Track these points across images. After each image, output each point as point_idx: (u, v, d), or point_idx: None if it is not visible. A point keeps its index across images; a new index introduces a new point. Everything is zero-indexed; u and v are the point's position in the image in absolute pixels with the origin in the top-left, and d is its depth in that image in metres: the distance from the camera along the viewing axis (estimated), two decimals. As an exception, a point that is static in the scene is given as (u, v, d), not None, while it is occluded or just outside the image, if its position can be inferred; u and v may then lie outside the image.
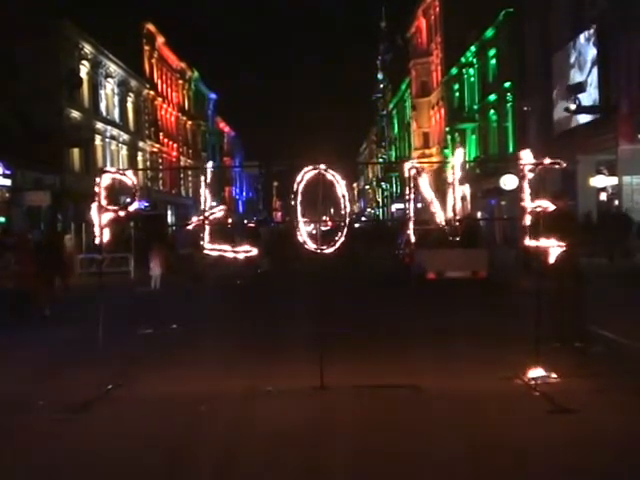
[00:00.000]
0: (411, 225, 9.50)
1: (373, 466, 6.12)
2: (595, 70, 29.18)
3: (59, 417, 7.54)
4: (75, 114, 43.20)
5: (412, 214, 9.28)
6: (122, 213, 9.01)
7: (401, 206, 64.88)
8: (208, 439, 6.88)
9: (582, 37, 30.23)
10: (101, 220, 8.76)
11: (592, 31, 29.28)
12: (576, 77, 30.86)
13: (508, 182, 32.60)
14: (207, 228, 8.95)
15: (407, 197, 9.13)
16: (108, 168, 10.73)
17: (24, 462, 6.45)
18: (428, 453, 6.38)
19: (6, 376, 9.51)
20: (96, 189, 8.78)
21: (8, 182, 33.05)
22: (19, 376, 9.55)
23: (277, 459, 6.30)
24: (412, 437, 6.81)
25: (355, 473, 6.01)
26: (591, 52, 29.47)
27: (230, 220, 31.96)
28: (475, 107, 49.36)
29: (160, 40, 62.34)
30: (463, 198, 9.26)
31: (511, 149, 41.02)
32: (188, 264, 25.13)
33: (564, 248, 8.76)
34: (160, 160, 62.59)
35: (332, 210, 11.46)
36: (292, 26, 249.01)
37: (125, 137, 53.37)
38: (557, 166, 8.80)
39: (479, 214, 43.07)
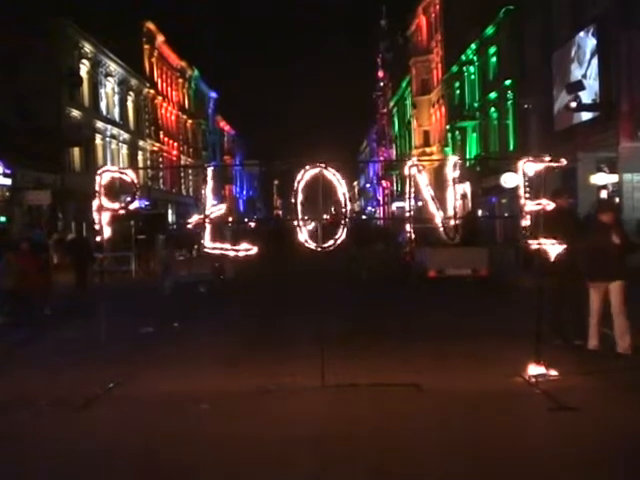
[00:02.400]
0: (410, 223, 9.51)
1: (374, 464, 6.13)
2: (595, 63, 29.16)
3: (61, 416, 7.55)
4: (75, 113, 43.19)
5: (412, 212, 9.29)
6: (122, 212, 9.02)
7: (402, 204, 64.79)
8: (209, 437, 6.89)
9: (582, 34, 30.23)
10: (102, 219, 8.77)
11: (592, 29, 29.28)
12: (576, 74, 30.84)
13: (508, 180, 32.56)
14: (208, 227, 8.96)
15: (407, 195, 9.14)
16: (108, 167, 10.71)
17: (25, 460, 6.47)
18: (429, 451, 6.39)
19: (7, 376, 9.51)
20: (97, 188, 8.79)
21: (8, 181, 33.05)
22: (20, 375, 9.56)
23: (278, 457, 6.31)
24: (413, 435, 6.81)
25: (356, 471, 6.02)
26: (590, 47, 29.46)
27: (231, 219, 31.65)
28: (475, 105, 49.32)
29: (160, 39, 62.29)
30: (464, 196, 9.28)
31: (512, 147, 40.99)
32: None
33: (564, 246, 8.76)
34: (160, 159, 62.56)
35: (333, 208, 11.45)
36: (292, 24, 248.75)
37: (125, 136, 53.35)
38: (558, 164, 8.80)
39: (479, 212, 43.04)
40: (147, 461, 6.34)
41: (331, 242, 8.67)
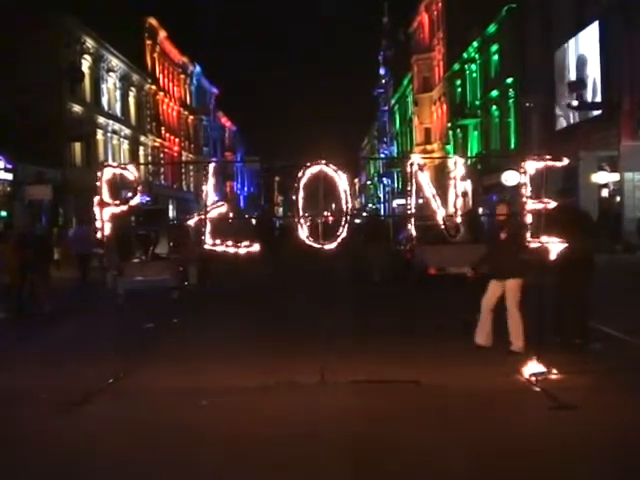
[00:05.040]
0: (412, 221, 9.51)
1: (373, 461, 6.13)
2: (597, 62, 29.16)
3: (61, 410, 7.55)
4: (77, 108, 43.19)
5: (413, 210, 9.29)
6: (124, 207, 9.01)
7: (402, 202, 64.72)
8: (208, 433, 6.90)
9: (584, 33, 30.21)
10: (102, 214, 8.76)
11: (594, 27, 29.26)
12: (578, 73, 30.83)
13: (509, 178, 32.59)
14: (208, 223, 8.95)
15: (408, 193, 9.13)
16: (109, 162, 10.73)
17: (25, 454, 6.47)
18: (428, 448, 6.39)
19: (8, 371, 9.52)
20: (97, 183, 8.78)
21: (9, 176, 33.07)
22: (19, 371, 9.57)
23: (277, 453, 6.31)
24: (412, 432, 6.81)
25: (355, 468, 6.02)
26: (593, 48, 29.45)
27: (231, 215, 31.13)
28: (477, 103, 49.29)
29: (162, 34, 62.27)
30: (464, 194, 9.29)
31: (513, 145, 40.99)
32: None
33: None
34: (161, 155, 62.57)
35: (333, 205, 11.40)
36: (293, 21, 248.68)
37: (127, 131, 53.36)
38: (559, 163, 8.80)
39: (480, 210, 43.01)
40: (144, 457, 6.35)
41: (333, 239, 8.67)
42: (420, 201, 10.03)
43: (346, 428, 6.89)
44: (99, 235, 8.93)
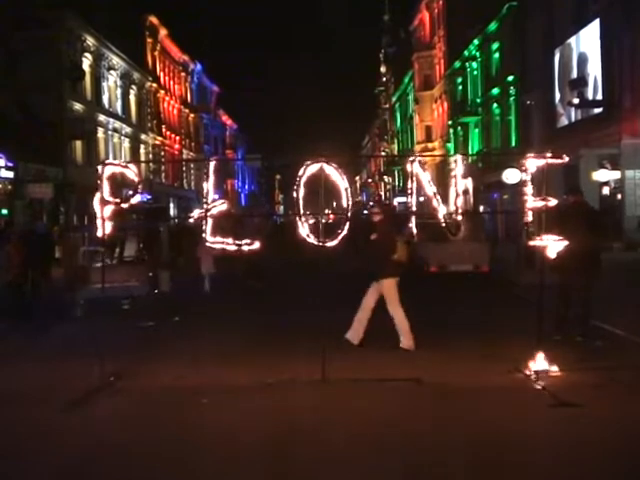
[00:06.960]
0: (413, 219, 9.52)
1: (373, 459, 6.13)
2: (597, 59, 29.13)
3: (61, 409, 7.55)
4: (78, 106, 43.17)
5: (414, 208, 9.30)
6: (124, 206, 9.00)
7: (403, 200, 64.71)
8: (209, 432, 6.89)
9: (585, 31, 30.18)
10: (103, 212, 8.76)
11: (595, 25, 29.22)
12: (579, 71, 30.81)
13: (510, 176, 32.55)
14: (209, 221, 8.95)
15: (409, 191, 9.13)
16: (110, 160, 10.71)
17: (25, 453, 6.47)
18: (428, 445, 6.39)
19: (8, 370, 9.52)
20: (98, 181, 8.78)
21: (10, 174, 33.06)
22: (21, 370, 9.56)
23: (278, 451, 6.31)
24: (412, 430, 6.81)
25: (355, 465, 6.02)
26: (594, 45, 29.41)
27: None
28: (478, 101, 49.23)
29: (163, 32, 62.21)
30: (465, 192, 9.30)
31: (514, 143, 40.95)
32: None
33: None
34: (162, 153, 62.54)
35: (334, 203, 11.38)
36: (293, 21, 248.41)
37: (127, 130, 53.32)
38: (560, 160, 8.79)
39: (481, 208, 43.00)
40: (145, 455, 6.34)
41: (334, 237, 8.67)
42: (421, 199, 10.05)
43: (346, 427, 6.89)
44: (99, 233, 8.93)
